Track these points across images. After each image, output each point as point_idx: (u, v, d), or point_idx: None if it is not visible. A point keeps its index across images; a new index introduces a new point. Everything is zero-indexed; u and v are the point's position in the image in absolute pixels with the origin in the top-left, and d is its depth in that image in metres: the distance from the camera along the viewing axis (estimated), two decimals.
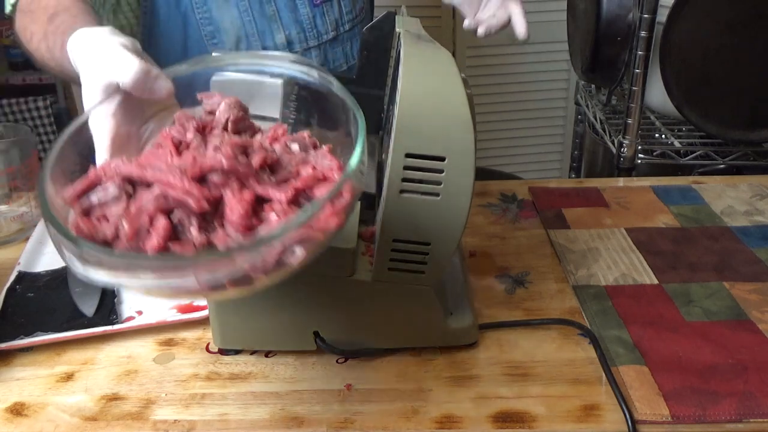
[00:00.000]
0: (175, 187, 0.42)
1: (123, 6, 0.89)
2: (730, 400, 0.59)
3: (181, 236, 0.43)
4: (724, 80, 1.21)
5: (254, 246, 0.40)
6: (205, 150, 0.46)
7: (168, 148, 0.47)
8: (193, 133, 0.48)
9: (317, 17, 0.96)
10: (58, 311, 0.70)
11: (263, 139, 0.49)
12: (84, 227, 0.43)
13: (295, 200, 0.44)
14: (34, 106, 2.35)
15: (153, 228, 0.42)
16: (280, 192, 0.43)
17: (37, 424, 0.58)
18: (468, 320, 0.66)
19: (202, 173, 0.43)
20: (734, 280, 0.76)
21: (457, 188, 0.56)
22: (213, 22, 0.90)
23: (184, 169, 0.43)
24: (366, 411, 0.59)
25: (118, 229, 0.42)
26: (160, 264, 0.41)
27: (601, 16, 1.31)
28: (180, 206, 0.43)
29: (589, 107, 1.57)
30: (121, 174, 0.44)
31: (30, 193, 0.87)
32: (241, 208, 0.42)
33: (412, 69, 0.57)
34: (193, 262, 0.41)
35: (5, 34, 2.31)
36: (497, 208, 0.93)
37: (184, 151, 0.47)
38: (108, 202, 0.44)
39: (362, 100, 0.76)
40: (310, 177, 0.44)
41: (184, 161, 0.44)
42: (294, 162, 0.47)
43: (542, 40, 2.03)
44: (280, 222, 0.42)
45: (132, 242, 0.42)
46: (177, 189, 0.42)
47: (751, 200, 0.94)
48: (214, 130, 0.49)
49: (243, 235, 0.42)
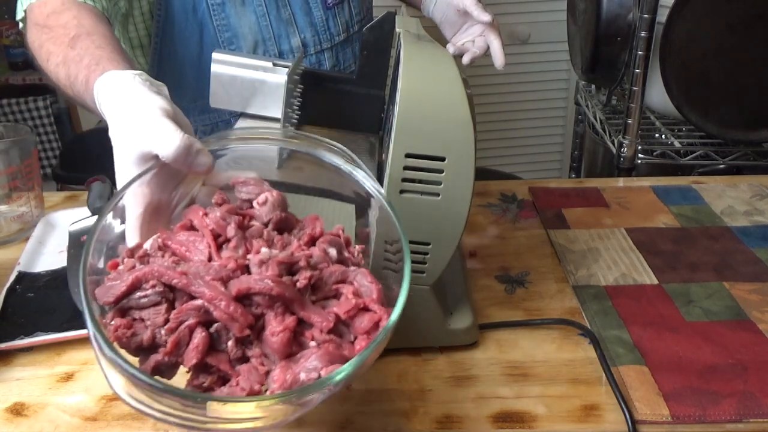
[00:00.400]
0: (220, 307, 0.42)
1: (136, 18, 0.89)
2: (730, 400, 0.59)
3: (217, 345, 0.44)
4: (724, 80, 1.21)
5: (291, 396, 0.41)
6: (246, 252, 0.46)
7: (207, 241, 0.46)
8: (234, 230, 0.47)
9: (330, 19, 0.97)
10: (58, 311, 0.70)
11: (302, 235, 0.49)
12: (121, 333, 0.43)
13: (335, 328, 0.45)
14: (34, 106, 2.35)
15: (192, 342, 0.43)
16: (322, 319, 0.44)
17: (37, 424, 0.58)
18: (468, 320, 0.66)
19: (248, 295, 0.43)
20: (734, 280, 0.76)
21: (457, 188, 0.56)
22: (231, 28, 0.90)
23: (228, 279, 0.44)
24: (366, 411, 0.59)
25: (155, 336, 0.43)
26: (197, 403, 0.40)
27: (601, 16, 1.31)
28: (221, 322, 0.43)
29: (589, 107, 1.57)
30: (163, 280, 0.44)
31: (30, 193, 0.87)
32: (283, 336, 0.43)
33: (412, 69, 0.57)
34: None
35: (5, 34, 2.31)
36: (497, 208, 0.93)
37: (224, 248, 0.47)
38: (147, 306, 0.44)
39: (362, 100, 0.77)
40: (352, 307, 0.45)
41: (225, 267, 0.44)
42: (334, 277, 0.47)
43: (542, 40, 2.03)
44: (321, 368, 0.42)
45: (171, 355, 0.43)
46: (221, 310, 0.42)
47: (751, 200, 0.94)
48: (254, 224, 0.49)
49: (279, 355, 0.43)
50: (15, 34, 2.30)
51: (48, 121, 2.39)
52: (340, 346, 0.44)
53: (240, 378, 0.43)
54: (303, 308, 0.45)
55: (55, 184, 1.93)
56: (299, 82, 0.74)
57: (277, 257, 0.45)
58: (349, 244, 0.50)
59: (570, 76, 2.08)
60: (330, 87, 0.77)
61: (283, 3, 0.92)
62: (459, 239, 0.59)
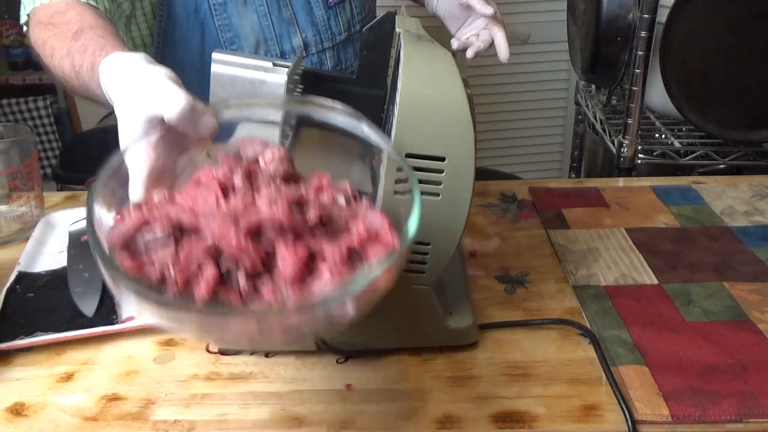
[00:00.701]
0: (230, 242, 0.42)
1: (138, 18, 0.89)
2: (730, 400, 0.59)
3: (228, 283, 0.43)
4: (724, 80, 1.21)
5: (313, 306, 0.41)
6: (253, 198, 0.45)
7: (214, 190, 0.46)
8: (241, 179, 0.47)
9: (331, 19, 0.97)
10: (58, 311, 0.70)
11: (308, 187, 0.49)
12: (131, 270, 0.42)
13: (348, 258, 0.44)
14: (34, 106, 2.35)
15: (202, 276, 0.42)
16: (334, 249, 0.43)
17: (37, 424, 0.58)
18: (468, 320, 0.66)
19: (258, 227, 0.43)
20: (734, 280, 0.76)
21: (457, 188, 0.56)
22: (232, 29, 0.90)
23: (237, 218, 0.43)
24: (366, 411, 0.59)
25: (164, 274, 0.42)
26: (217, 312, 0.41)
27: (601, 16, 1.31)
28: (231, 258, 0.42)
29: (589, 107, 1.57)
30: (171, 219, 0.43)
31: (30, 193, 0.87)
32: (295, 264, 0.42)
33: (412, 69, 0.57)
34: (247, 315, 0.41)
35: (5, 34, 2.31)
36: (497, 208, 0.93)
37: (231, 195, 0.46)
38: (155, 245, 0.43)
39: (362, 100, 0.77)
40: (364, 236, 0.44)
41: (234, 208, 0.43)
42: (343, 216, 0.46)
43: (542, 40, 2.03)
44: (338, 283, 0.42)
45: (181, 290, 0.42)
46: (231, 245, 0.42)
47: (751, 200, 0.94)
48: (260, 177, 0.48)
49: (293, 289, 0.42)
50: (15, 34, 2.30)
51: (48, 121, 2.39)
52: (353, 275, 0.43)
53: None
54: (314, 239, 0.44)
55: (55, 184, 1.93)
56: (299, 82, 0.74)
57: (286, 195, 0.45)
58: (357, 198, 0.50)
59: (570, 76, 2.08)
60: (330, 87, 0.77)
61: (285, 3, 0.92)
62: (459, 239, 0.59)
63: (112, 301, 0.71)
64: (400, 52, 0.61)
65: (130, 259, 0.43)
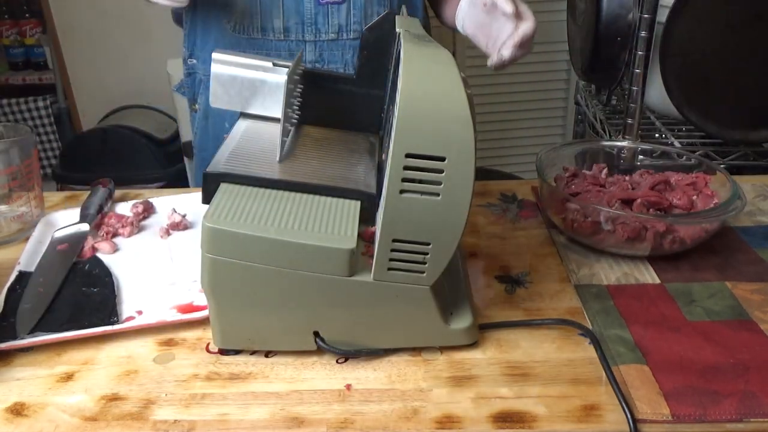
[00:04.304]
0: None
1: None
2: (731, 400, 0.59)
3: None
4: (724, 80, 1.21)
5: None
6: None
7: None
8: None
9: (319, 15, 0.98)
10: (58, 311, 0.70)
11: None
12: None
13: None
14: (34, 106, 2.35)
15: None
16: None
17: (37, 424, 0.58)
18: (468, 320, 0.65)
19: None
20: (736, 280, 0.76)
21: (457, 188, 0.56)
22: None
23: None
24: (366, 411, 0.59)
25: None
26: None
27: (601, 16, 1.30)
28: None
29: (589, 107, 1.57)
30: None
31: (30, 193, 0.87)
32: None
33: (412, 69, 0.57)
34: None
35: (5, 34, 2.31)
36: (497, 208, 0.93)
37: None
38: None
39: (362, 100, 0.77)
40: None
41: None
42: None
43: (542, 40, 2.02)
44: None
45: None
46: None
47: (754, 200, 0.94)
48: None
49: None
50: (15, 34, 2.30)
51: (48, 121, 2.39)
52: None
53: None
54: None
55: (55, 184, 1.93)
56: (299, 82, 0.74)
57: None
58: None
59: (570, 76, 2.08)
60: (330, 87, 0.77)
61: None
62: (459, 239, 0.59)
63: (113, 301, 0.71)
64: (400, 52, 0.61)
65: None
